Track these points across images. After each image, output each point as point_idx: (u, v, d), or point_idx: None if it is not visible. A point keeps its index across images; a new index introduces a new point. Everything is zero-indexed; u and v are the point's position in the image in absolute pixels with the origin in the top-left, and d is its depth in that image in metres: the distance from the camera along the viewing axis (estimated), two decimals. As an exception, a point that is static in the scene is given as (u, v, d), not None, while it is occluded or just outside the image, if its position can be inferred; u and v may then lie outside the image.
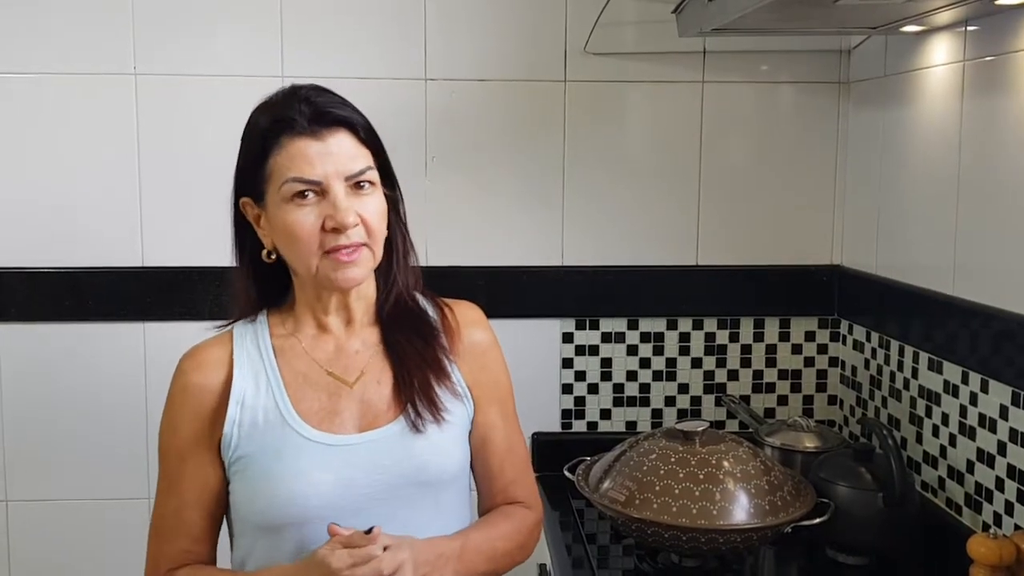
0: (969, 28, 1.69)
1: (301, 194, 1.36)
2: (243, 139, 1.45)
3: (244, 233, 1.48)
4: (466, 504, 1.52)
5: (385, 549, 1.30)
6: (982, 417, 1.66)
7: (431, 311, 1.53)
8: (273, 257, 1.44)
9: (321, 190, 1.37)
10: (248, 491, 1.40)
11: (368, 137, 1.42)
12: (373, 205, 1.40)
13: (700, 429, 1.70)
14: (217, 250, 2.06)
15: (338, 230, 1.36)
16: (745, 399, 2.21)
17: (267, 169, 1.39)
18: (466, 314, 1.55)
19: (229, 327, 1.49)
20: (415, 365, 1.46)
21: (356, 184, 1.39)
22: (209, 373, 1.43)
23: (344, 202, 1.36)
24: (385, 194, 1.45)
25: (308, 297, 1.46)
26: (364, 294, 1.48)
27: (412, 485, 1.40)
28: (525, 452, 1.59)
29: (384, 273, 1.49)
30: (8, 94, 2.03)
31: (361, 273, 1.40)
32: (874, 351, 2.04)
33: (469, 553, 1.43)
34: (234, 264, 1.51)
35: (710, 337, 2.20)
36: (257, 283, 1.49)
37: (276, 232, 1.41)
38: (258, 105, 1.44)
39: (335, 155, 1.37)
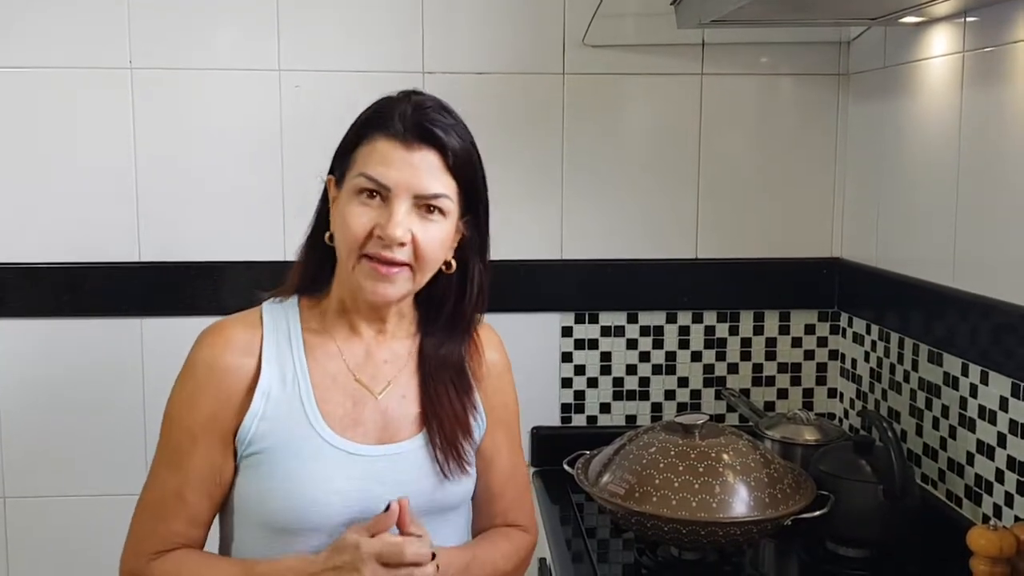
0: (968, 19, 1.68)
1: (369, 193, 1.35)
2: (353, 122, 1.44)
3: (323, 210, 1.46)
4: (464, 532, 1.52)
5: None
6: (982, 409, 1.66)
7: None
8: (332, 242, 1.42)
9: (387, 196, 1.35)
10: (260, 489, 1.37)
11: (459, 168, 1.39)
12: (434, 232, 1.37)
13: (700, 422, 1.69)
14: (215, 245, 2.08)
15: (383, 239, 1.34)
16: (745, 392, 2.21)
17: (353, 157, 1.39)
18: (488, 336, 1.55)
19: (258, 307, 1.47)
20: (444, 413, 1.44)
21: (426, 207, 1.36)
22: (238, 355, 1.39)
23: (400, 216, 1.34)
24: (463, 233, 1.44)
25: (344, 293, 1.44)
26: (399, 308, 1.46)
27: (423, 504, 1.39)
28: (526, 476, 1.60)
29: (450, 310, 1.47)
30: (3, 88, 2.02)
31: (394, 292, 1.38)
32: (874, 344, 2.04)
33: (475, 567, 1.43)
34: (304, 238, 1.49)
35: (710, 331, 2.20)
36: (308, 262, 1.47)
37: (336, 219, 1.39)
38: (381, 97, 1.43)
39: (415, 169, 1.35)
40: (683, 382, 2.21)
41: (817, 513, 1.64)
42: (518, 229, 2.14)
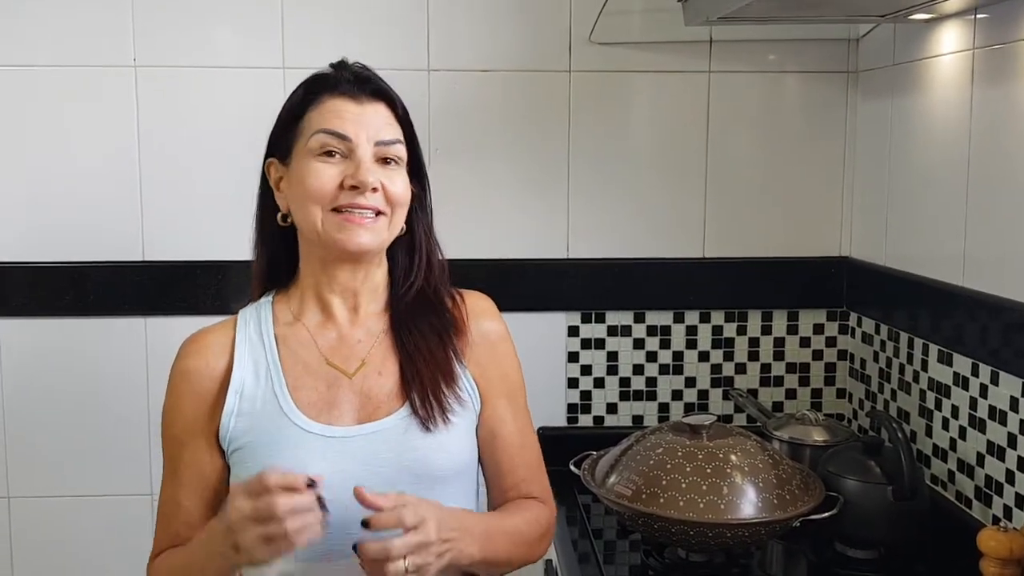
0: (979, 16, 1.67)
1: (328, 153, 1.38)
2: (284, 103, 1.46)
3: (265, 199, 1.47)
4: (471, 502, 1.49)
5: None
6: (992, 409, 1.64)
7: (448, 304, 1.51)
8: (288, 221, 1.43)
9: (348, 150, 1.37)
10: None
11: (404, 119, 1.44)
12: (399, 179, 1.41)
13: (707, 423, 1.68)
14: (218, 244, 2.07)
15: (357, 188, 1.36)
16: (753, 392, 2.20)
17: (300, 124, 1.41)
18: (476, 304, 1.53)
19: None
20: (424, 364, 1.43)
21: (384, 158, 1.40)
22: (210, 358, 1.42)
23: (369, 163, 1.37)
24: (413, 191, 1.46)
25: (314, 270, 1.44)
26: (372, 279, 1.46)
27: (411, 480, 1.37)
28: (537, 449, 1.56)
29: (405, 269, 1.49)
30: (7, 87, 2.02)
31: (370, 240, 1.38)
32: (883, 343, 2.02)
33: (495, 533, 1.40)
34: (254, 235, 1.50)
35: (717, 330, 2.18)
36: (268, 258, 1.48)
37: (293, 188, 1.40)
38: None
39: (370, 120, 1.39)
40: (690, 382, 2.20)
41: (826, 514, 1.62)
42: (524, 228, 2.13)
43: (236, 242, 2.03)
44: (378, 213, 1.38)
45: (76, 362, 2.08)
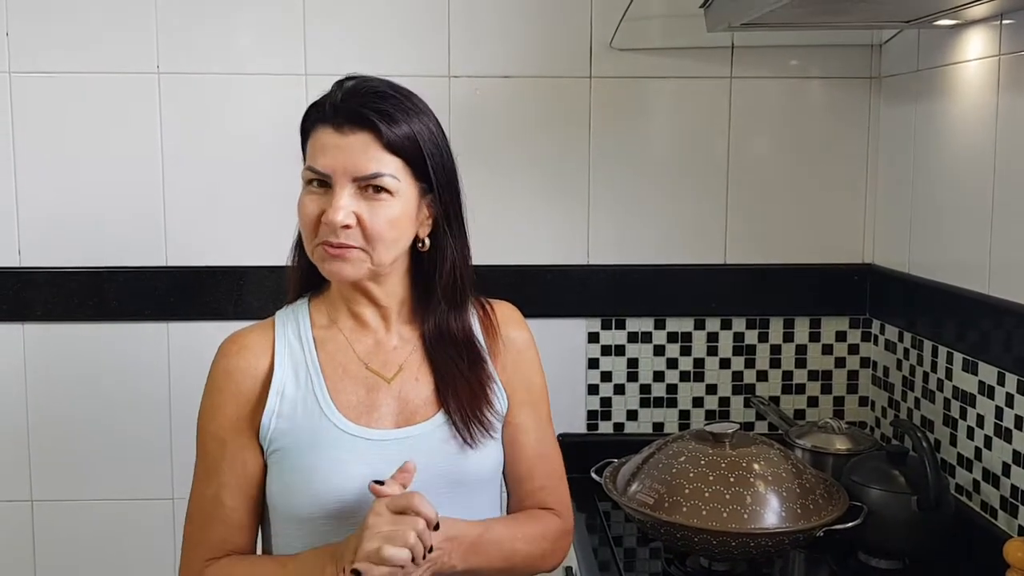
0: (1005, 22, 1.65)
1: (317, 182, 1.38)
2: None
3: None
4: (496, 507, 1.50)
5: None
6: (1018, 419, 1.63)
7: (474, 313, 1.51)
8: None
9: (331, 184, 1.37)
10: (284, 483, 1.39)
11: (397, 145, 1.37)
12: (382, 212, 1.36)
13: (730, 431, 1.67)
14: (240, 249, 2.08)
15: (327, 225, 1.36)
16: (774, 400, 2.18)
17: (304, 151, 1.43)
18: (505, 313, 1.55)
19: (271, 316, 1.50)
20: (459, 383, 1.44)
21: (372, 187, 1.36)
22: (251, 358, 1.43)
23: (342, 201, 1.35)
24: (429, 206, 1.42)
25: (339, 283, 1.46)
26: (392, 292, 1.46)
27: (446, 484, 1.39)
28: (558, 459, 1.56)
29: (425, 286, 1.47)
30: (30, 94, 2.03)
31: (350, 271, 1.38)
32: (907, 351, 2.01)
33: (486, 544, 1.40)
34: (293, 244, 1.51)
35: (739, 337, 2.17)
36: (303, 268, 1.49)
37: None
38: None
39: (349, 152, 1.36)
40: (711, 389, 2.19)
41: (850, 524, 1.61)
42: (545, 234, 2.13)
43: (258, 248, 2.06)
44: (353, 247, 1.36)
45: (99, 367, 2.08)
